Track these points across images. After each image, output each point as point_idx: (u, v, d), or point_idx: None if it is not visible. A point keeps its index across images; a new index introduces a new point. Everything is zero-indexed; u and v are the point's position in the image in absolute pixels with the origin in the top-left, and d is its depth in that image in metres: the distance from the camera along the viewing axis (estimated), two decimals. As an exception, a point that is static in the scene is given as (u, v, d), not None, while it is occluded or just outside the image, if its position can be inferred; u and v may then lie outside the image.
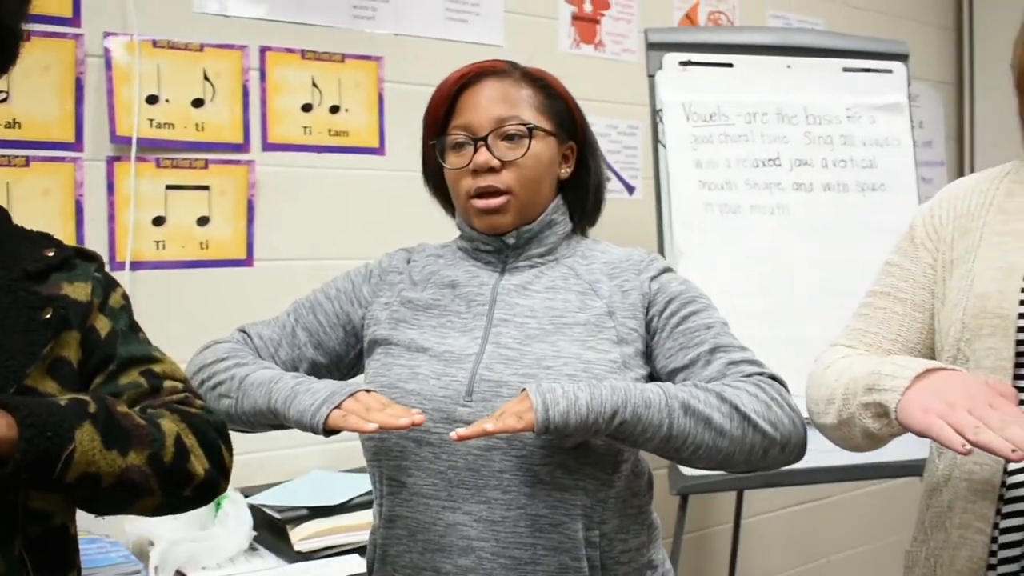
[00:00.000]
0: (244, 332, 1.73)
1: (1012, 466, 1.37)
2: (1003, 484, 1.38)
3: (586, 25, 3.22)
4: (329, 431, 1.45)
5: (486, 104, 1.63)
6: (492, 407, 1.49)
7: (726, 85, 2.85)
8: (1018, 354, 1.38)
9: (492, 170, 1.60)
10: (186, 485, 1.26)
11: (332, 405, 1.45)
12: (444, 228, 1.83)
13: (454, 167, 1.64)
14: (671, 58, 2.81)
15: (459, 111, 1.65)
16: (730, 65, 2.86)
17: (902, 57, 3.03)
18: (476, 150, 1.61)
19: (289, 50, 2.65)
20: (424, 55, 2.87)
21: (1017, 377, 1.38)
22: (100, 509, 1.26)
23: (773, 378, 1.54)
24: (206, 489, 1.29)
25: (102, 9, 2.39)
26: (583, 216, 1.74)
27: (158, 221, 2.46)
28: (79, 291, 1.31)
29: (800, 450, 1.52)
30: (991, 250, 1.46)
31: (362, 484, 2.42)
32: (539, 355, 1.53)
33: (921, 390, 1.31)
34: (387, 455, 1.57)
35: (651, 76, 2.83)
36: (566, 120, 1.69)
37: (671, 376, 1.56)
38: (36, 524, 1.24)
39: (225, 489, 1.34)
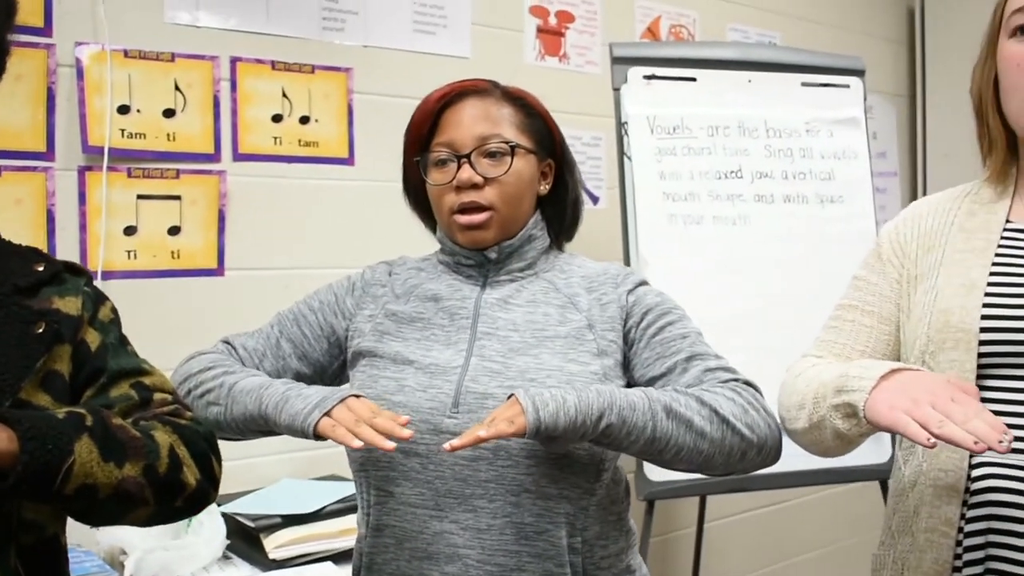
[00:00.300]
0: (228, 343, 1.75)
1: (976, 472, 1.43)
2: (967, 490, 1.43)
3: (551, 37, 3.27)
4: (319, 436, 1.48)
5: (469, 122, 1.67)
6: (478, 418, 1.52)
7: (689, 99, 2.90)
8: (979, 366, 1.44)
9: (475, 186, 1.64)
10: (179, 495, 1.28)
11: (323, 410, 1.47)
12: (411, 236, 1.87)
13: (437, 183, 1.68)
14: (636, 72, 2.86)
15: (442, 128, 1.69)
16: (693, 79, 2.91)
17: (859, 73, 3.10)
18: (459, 167, 1.65)
19: (259, 61, 2.67)
20: (393, 66, 2.91)
21: (979, 388, 1.43)
22: (95, 520, 1.27)
23: (748, 383, 1.59)
24: (197, 499, 1.31)
25: (74, 19, 2.41)
26: (561, 231, 1.78)
27: (129, 231, 2.47)
28: (70, 305, 1.33)
29: (776, 452, 1.56)
30: (954, 267, 1.52)
31: (333, 492, 2.45)
32: (523, 368, 1.57)
33: (887, 388, 1.36)
34: (375, 466, 1.60)
35: (616, 90, 2.87)
36: (545, 138, 1.74)
37: (649, 384, 1.60)
38: (29, 533, 1.25)
39: (215, 499, 1.36)
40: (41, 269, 1.33)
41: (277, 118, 2.70)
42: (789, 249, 2.90)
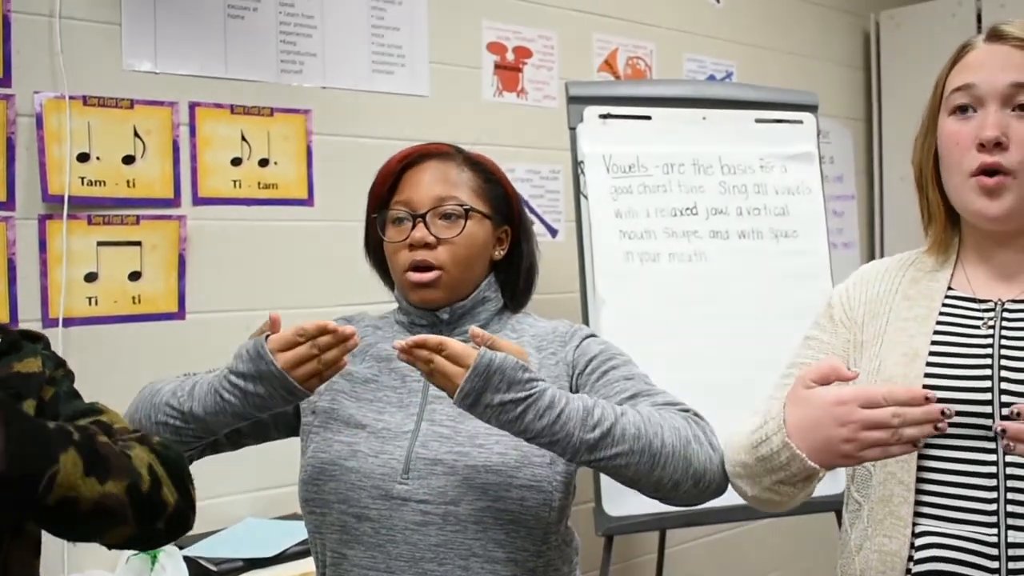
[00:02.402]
0: (188, 376, 1.75)
1: (920, 541, 1.46)
2: (910, 558, 1.47)
3: (508, 74, 3.31)
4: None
5: (427, 183, 1.71)
6: (428, 484, 1.58)
7: (644, 137, 2.93)
8: None
9: (428, 246, 1.68)
10: (160, 516, 1.29)
11: (269, 360, 1.48)
12: (371, 276, 1.90)
13: (392, 240, 1.72)
14: (591, 111, 2.90)
15: (402, 188, 1.74)
16: (648, 118, 2.95)
17: (812, 108, 3.15)
18: (414, 226, 1.69)
19: (218, 105, 2.70)
20: (352, 107, 2.94)
21: (922, 456, 1.47)
22: (75, 535, 1.26)
23: (697, 415, 1.62)
24: (177, 521, 1.32)
25: (33, 69, 2.43)
26: (514, 296, 1.81)
27: (90, 277, 2.49)
28: (30, 365, 1.37)
29: (717, 487, 1.57)
30: (896, 335, 1.55)
31: (295, 533, 2.47)
32: (472, 432, 1.61)
33: (802, 439, 1.41)
34: (329, 529, 1.64)
35: (572, 129, 2.91)
36: (502, 205, 1.78)
37: None
38: None
39: (192, 523, 1.36)
40: None
41: (236, 161, 2.73)
42: (745, 285, 2.94)
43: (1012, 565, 1.40)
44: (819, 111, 3.22)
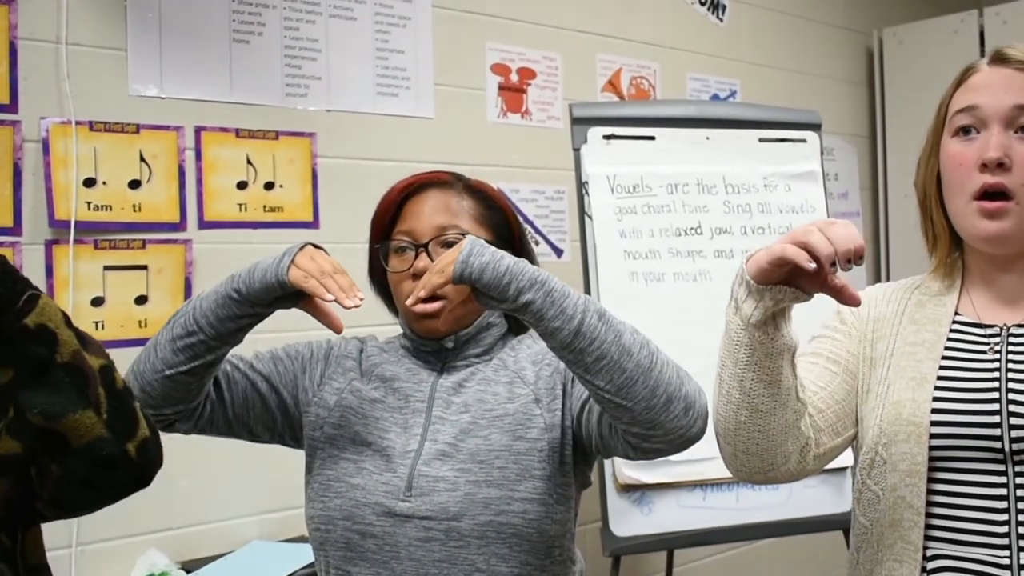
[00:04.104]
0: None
1: (931, 564, 1.46)
2: None
3: (513, 95, 3.32)
4: (293, 290, 1.57)
5: (429, 213, 1.72)
6: (431, 501, 1.59)
7: (648, 157, 2.94)
8: (931, 458, 1.47)
9: None
10: (133, 431, 1.27)
11: (291, 256, 1.57)
12: (375, 299, 1.90)
13: (395, 270, 1.73)
14: (595, 132, 2.90)
15: (403, 218, 1.75)
16: (652, 138, 2.96)
17: (815, 127, 3.16)
18: (417, 255, 1.70)
19: (224, 129, 2.71)
20: (356, 129, 2.96)
21: (931, 480, 1.47)
22: (46, 395, 1.22)
23: None
24: (146, 457, 1.30)
25: (39, 94, 2.44)
26: (518, 320, 1.82)
27: (97, 302, 2.51)
28: None
29: (703, 422, 1.54)
30: (904, 359, 1.55)
31: (301, 556, 2.47)
32: (473, 450, 1.62)
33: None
34: (333, 546, 1.65)
35: (576, 150, 2.92)
36: (503, 230, 1.78)
37: (582, 410, 1.65)
38: None
39: (150, 480, 1.33)
40: None
41: (242, 185, 2.74)
42: (749, 303, 2.93)
43: None
44: (823, 128, 3.23)
